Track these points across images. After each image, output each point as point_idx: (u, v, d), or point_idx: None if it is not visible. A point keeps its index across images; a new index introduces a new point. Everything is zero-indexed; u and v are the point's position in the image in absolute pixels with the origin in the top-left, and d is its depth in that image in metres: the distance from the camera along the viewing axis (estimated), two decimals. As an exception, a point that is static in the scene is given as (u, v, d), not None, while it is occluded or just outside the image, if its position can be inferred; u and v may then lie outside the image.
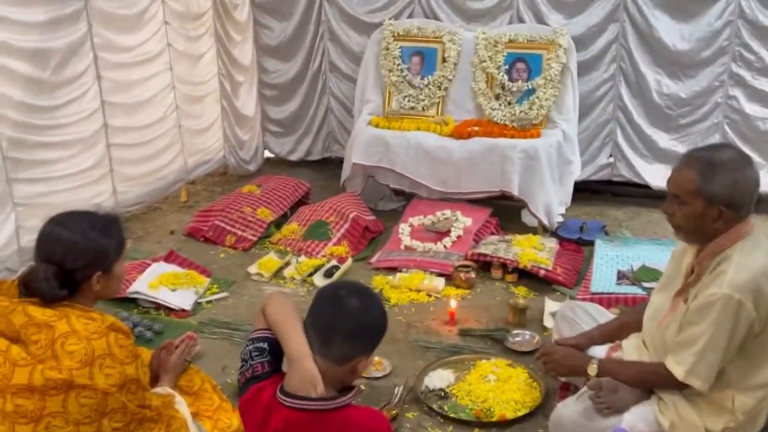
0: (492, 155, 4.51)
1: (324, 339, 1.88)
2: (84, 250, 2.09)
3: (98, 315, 2.09)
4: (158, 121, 4.63)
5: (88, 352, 1.98)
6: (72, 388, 1.96)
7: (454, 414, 2.77)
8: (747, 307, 2.15)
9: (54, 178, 3.77)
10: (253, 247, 4.51)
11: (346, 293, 1.91)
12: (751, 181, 2.24)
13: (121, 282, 2.27)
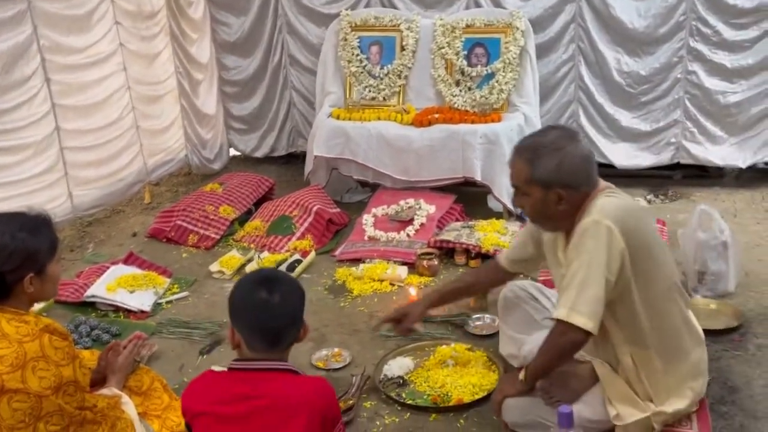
0: (453, 142, 4.48)
1: (272, 342, 1.91)
2: (12, 252, 2.04)
3: (32, 318, 2.05)
4: (114, 123, 4.56)
5: (20, 356, 1.94)
6: (3, 392, 1.92)
7: (411, 401, 2.74)
8: (615, 234, 2.14)
9: (5, 183, 3.70)
10: (216, 245, 4.46)
11: (266, 294, 1.89)
12: (578, 156, 2.23)
13: (56, 283, 2.22)
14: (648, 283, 2.26)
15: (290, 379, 1.90)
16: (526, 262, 2.71)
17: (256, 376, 1.88)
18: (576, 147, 2.22)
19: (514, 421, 2.48)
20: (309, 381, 1.94)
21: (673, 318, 2.34)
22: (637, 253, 2.19)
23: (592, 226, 2.16)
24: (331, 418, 1.89)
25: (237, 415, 1.85)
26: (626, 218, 2.19)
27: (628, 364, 2.31)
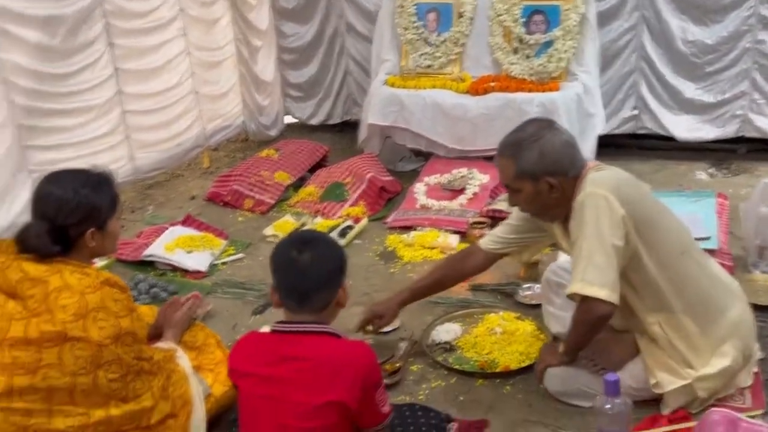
0: (508, 110, 4.43)
1: (300, 301, 1.94)
2: (75, 206, 2.11)
3: (93, 271, 2.13)
4: (173, 88, 4.65)
5: (82, 306, 2.02)
6: (66, 340, 1.99)
7: (458, 366, 2.75)
8: (612, 201, 2.14)
9: (69, 144, 3.83)
10: (270, 210, 4.53)
11: (296, 253, 1.92)
12: (558, 143, 2.25)
13: (116, 239, 2.29)
14: (657, 249, 2.23)
15: (332, 342, 1.93)
16: (518, 242, 2.71)
17: (298, 339, 1.92)
18: (554, 134, 2.26)
19: (557, 390, 2.49)
20: (351, 345, 1.97)
21: (695, 279, 2.31)
22: (639, 220, 2.19)
23: (587, 198, 2.18)
24: (372, 382, 1.91)
25: (279, 376, 1.89)
26: (621, 186, 2.20)
27: (659, 333, 2.29)
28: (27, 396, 2.00)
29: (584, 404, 2.45)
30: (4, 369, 2.00)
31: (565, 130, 2.32)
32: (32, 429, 2.01)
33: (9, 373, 1.99)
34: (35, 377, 1.99)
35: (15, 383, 1.98)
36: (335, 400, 1.86)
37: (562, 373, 2.40)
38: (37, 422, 2.01)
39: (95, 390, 2.05)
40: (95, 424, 2.05)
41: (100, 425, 2.06)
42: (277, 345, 1.94)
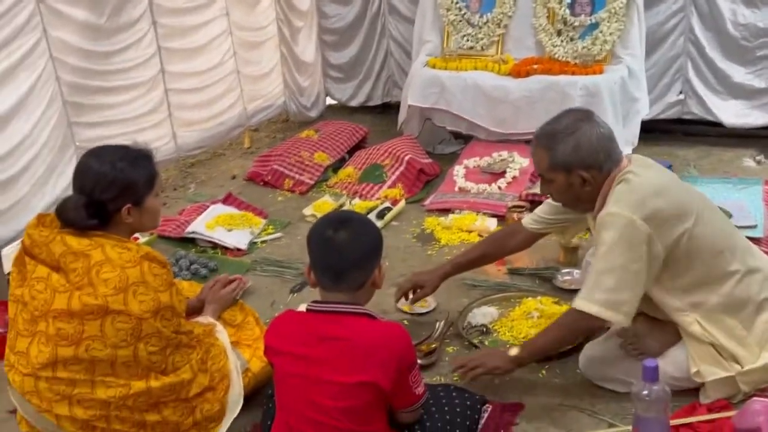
0: (551, 93, 4.37)
1: (335, 279, 1.94)
2: (112, 181, 2.13)
3: (134, 245, 2.16)
4: (216, 67, 4.69)
5: (122, 280, 2.05)
6: (108, 313, 2.04)
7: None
8: (634, 223, 2.13)
9: (114, 121, 3.89)
10: (310, 190, 4.56)
11: (332, 232, 1.92)
12: (594, 136, 2.21)
13: (155, 216, 2.29)
14: (691, 253, 2.22)
15: (367, 323, 1.94)
16: (560, 222, 2.70)
17: (333, 318, 1.93)
18: (591, 127, 2.21)
19: (594, 374, 2.47)
20: (385, 326, 1.97)
21: (732, 277, 2.26)
22: (668, 231, 2.17)
23: (608, 218, 2.18)
24: (406, 364, 1.92)
25: (314, 355, 1.91)
26: (648, 200, 2.16)
27: (700, 331, 2.25)
28: (71, 366, 2.05)
29: (621, 390, 2.42)
30: (49, 340, 2.05)
31: (603, 122, 2.27)
32: (76, 398, 2.07)
33: (53, 344, 2.05)
34: (78, 348, 2.04)
35: (59, 354, 2.04)
36: (369, 381, 1.87)
37: (600, 357, 2.38)
38: (80, 392, 2.07)
39: (135, 362, 2.10)
40: (135, 395, 2.10)
41: (140, 396, 2.11)
42: (313, 324, 1.95)
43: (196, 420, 2.23)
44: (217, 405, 2.27)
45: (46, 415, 2.08)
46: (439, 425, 2.10)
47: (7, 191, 3.27)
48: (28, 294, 2.09)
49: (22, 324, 2.11)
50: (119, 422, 2.11)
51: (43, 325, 2.06)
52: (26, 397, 2.10)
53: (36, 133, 3.39)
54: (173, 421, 2.18)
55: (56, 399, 2.07)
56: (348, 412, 1.89)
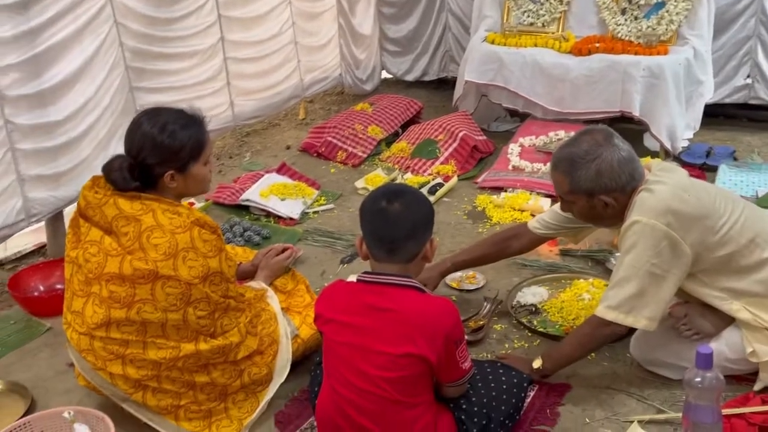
0: (613, 73, 4.27)
1: (389, 250, 1.95)
2: (158, 145, 2.12)
3: (185, 210, 2.17)
4: (274, 37, 4.71)
5: (172, 246, 2.09)
6: (158, 278, 2.08)
7: (542, 329, 2.73)
8: (659, 229, 2.11)
9: (174, 88, 3.94)
10: (362, 163, 4.57)
11: (386, 203, 1.93)
12: (616, 161, 2.18)
13: (202, 184, 2.27)
14: (723, 245, 2.18)
15: (416, 296, 1.94)
16: (566, 229, 2.66)
17: (384, 290, 1.94)
18: (612, 151, 2.18)
19: (645, 358, 2.44)
20: (435, 299, 1.98)
21: None
22: (695, 231, 2.15)
23: (632, 226, 2.16)
24: (454, 338, 1.92)
25: (363, 325, 1.92)
26: (671, 205, 2.14)
27: (749, 317, 2.21)
28: (123, 327, 2.11)
29: (671, 376, 2.39)
30: (102, 302, 2.12)
31: (623, 144, 2.23)
32: (128, 358, 2.13)
33: (107, 306, 2.11)
34: (130, 311, 2.10)
35: (112, 315, 2.10)
36: (416, 353, 1.88)
37: (651, 340, 2.35)
38: (132, 352, 2.13)
39: (185, 325, 2.15)
40: (185, 357, 2.16)
41: (190, 358, 2.16)
42: (363, 294, 1.96)
43: (243, 383, 2.28)
44: (265, 369, 2.32)
45: (101, 373, 2.16)
46: (484, 401, 2.10)
47: (70, 152, 3.36)
48: (82, 257, 2.14)
49: (77, 285, 2.18)
50: (169, 382, 2.17)
51: (96, 287, 2.12)
52: (82, 355, 2.17)
53: (99, 96, 3.46)
54: (221, 383, 2.23)
55: (110, 358, 2.14)
56: (394, 382, 1.90)
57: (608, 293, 2.25)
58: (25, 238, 3.55)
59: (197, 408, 2.21)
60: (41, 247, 3.60)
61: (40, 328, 2.92)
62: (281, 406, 2.38)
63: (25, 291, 3.09)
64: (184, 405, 2.20)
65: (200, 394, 2.22)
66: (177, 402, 2.19)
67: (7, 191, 3.10)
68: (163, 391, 2.18)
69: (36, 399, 2.48)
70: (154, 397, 2.17)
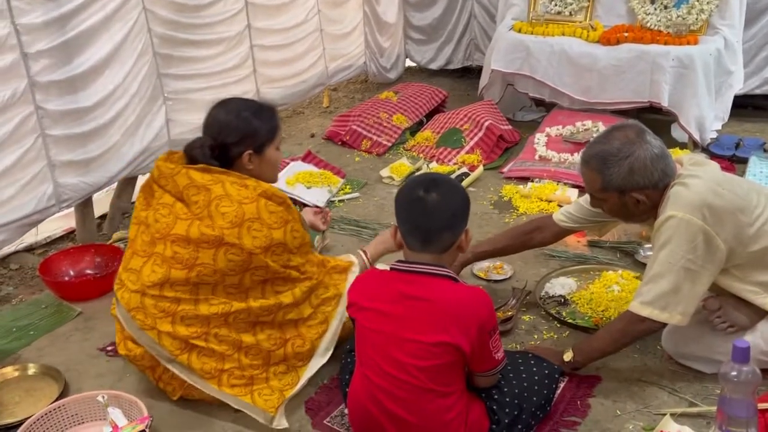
0: (641, 63, 4.23)
1: (424, 240, 1.95)
2: (235, 127, 2.29)
3: (252, 182, 2.25)
4: (300, 24, 4.70)
5: (239, 215, 2.17)
6: (222, 244, 2.16)
7: (571, 320, 2.71)
8: (694, 224, 2.09)
9: (201, 75, 3.94)
10: (387, 152, 4.56)
11: (423, 192, 1.93)
12: (648, 158, 2.15)
13: (274, 169, 2.42)
14: (758, 238, 2.16)
15: (451, 285, 1.94)
16: (591, 222, 2.62)
17: (418, 279, 1.94)
18: (645, 148, 2.16)
19: (677, 351, 2.42)
20: (468, 289, 1.98)
21: None
22: (730, 225, 2.13)
23: (667, 221, 2.14)
24: (488, 328, 1.92)
25: (397, 313, 1.93)
26: (706, 199, 2.12)
27: None
28: (178, 287, 2.19)
29: (704, 369, 2.37)
30: (164, 261, 2.19)
31: (655, 140, 2.21)
32: (179, 315, 2.20)
33: (168, 266, 2.19)
34: (191, 272, 2.17)
35: (172, 275, 2.17)
36: (450, 342, 1.88)
37: (684, 333, 2.33)
38: (184, 308, 2.20)
39: (239, 287, 2.22)
40: (236, 312, 2.22)
41: (240, 313, 2.23)
42: (397, 283, 1.97)
43: (286, 353, 2.32)
44: (308, 345, 2.35)
45: (149, 332, 2.21)
46: (516, 391, 2.10)
47: (99, 138, 3.37)
48: (153, 216, 2.24)
49: (140, 244, 2.26)
50: (217, 342, 2.22)
51: (161, 247, 2.20)
52: (131, 314, 2.23)
53: (128, 82, 3.47)
54: (265, 349, 2.28)
55: (160, 316, 2.20)
56: (427, 370, 1.90)
57: (642, 289, 2.23)
58: (54, 224, 3.58)
59: (240, 374, 2.25)
60: (70, 232, 3.63)
61: (71, 312, 2.95)
62: (311, 393, 2.39)
63: (56, 275, 3.12)
64: (228, 369, 2.23)
65: (245, 358, 2.25)
66: (221, 365, 2.23)
67: (38, 177, 3.12)
68: (208, 354, 2.22)
69: (68, 382, 2.50)
70: (199, 360, 2.21)
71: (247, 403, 2.23)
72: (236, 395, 2.23)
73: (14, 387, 2.49)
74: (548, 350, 2.45)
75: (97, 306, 2.99)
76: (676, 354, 2.43)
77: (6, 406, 2.40)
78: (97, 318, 2.91)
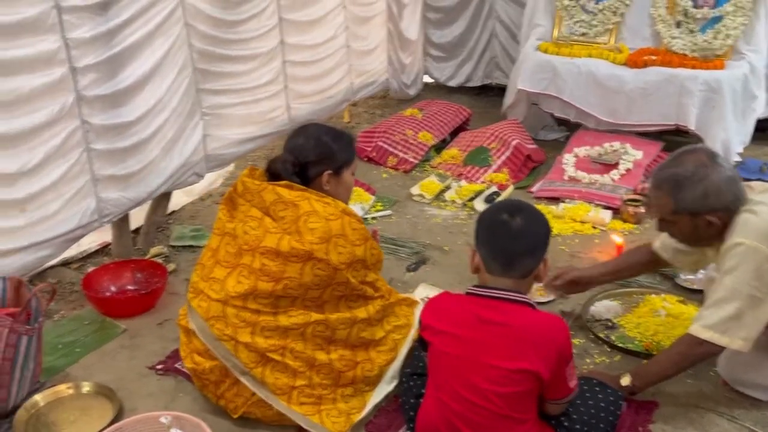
0: (669, 86, 4.28)
1: (506, 264, 1.97)
2: (314, 146, 2.39)
3: (332, 201, 2.31)
4: (329, 40, 4.71)
5: (326, 231, 2.21)
6: (310, 259, 2.19)
7: (621, 344, 2.73)
8: (762, 251, 2.11)
9: (235, 90, 3.94)
10: (413, 169, 4.58)
11: (508, 216, 1.96)
12: (723, 180, 2.18)
13: (349, 191, 2.48)
14: None
15: (528, 311, 1.96)
16: (683, 254, 2.60)
17: (497, 305, 1.95)
18: (718, 172, 2.19)
19: (735, 378, 2.43)
20: (547, 316, 1.99)
21: None
22: None
23: (735, 248, 2.16)
24: (566, 356, 1.94)
25: (476, 338, 1.94)
26: None
27: None
28: (261, 299, 2.21)
29: (761, 397, 2.39)
30: (252, 273, 2.22)
31: (727, 163, 2.24)
32: (260, 326, 2.22)
33: (255, 277, 2.22)
34: (277, 285, 2.20)
35: (258, 287, 2.20)
36: (530, 369, 1.89)
37: (742, 360, 2.34)
38: (264, 319, 2.22)
39: (317, 301, 2.26)
40: (314, 323, 2.25)
41: (318, 325, 2.26)
42: (474, 307, 1.98)
43: (355, 376, 2.33)
44: (377, 370, 2.37)
45: (226, 344, 2.22)
46: (585, 418, 2.11)
47: (139, 153, 3.36)
48: (241, 228, 2.27)
49: (224, 255, 2.30)
50: (292, 357, 2.24)
51: (248, 258, 2.23)
52: (209, 323, 2.24)
53: (168, 97, 3.46)
54: (336, 369, 2.29)
55: (241, 326, 2.22)
56: (506, 397, 1.91)
57: (704, 312, 2.25)
58: (89, 238, 3.54)
59: (310, 392, 2.26)
60: (105, 246, 3.61)
61: (116, 329, 2.93)
62: (371, 416, 2.39)
63: (98, 291, 3.10)
64: (299, 387, 2.25)
65: (316, 377, 2.27)
66: (293, 382, 2.24)
67: (81, 191, 3.10)
68: (282, 369, 2.24)
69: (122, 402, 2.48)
70: (273, 375, 2.23)
71: (315, 423, 2.23)
72: (305, 414, 2.24)
73: (68, 406, 2.46)
74: (604, 374, 2.46)
75: (140, 323, 2.97)
76: (732, 381, 2.44)
77: (61, 426, 2.37)
78: (142, 335, 2.90)
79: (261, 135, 4.14)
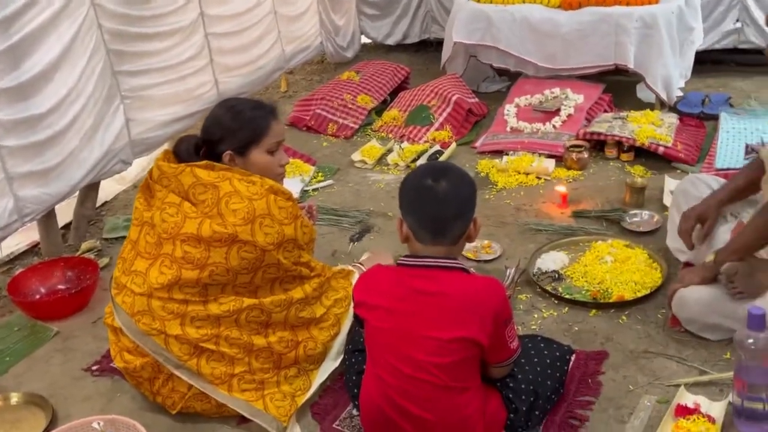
0: (605, 26, 4.19)
1: (436, 231, 1.88)
2: (217, 124, 2.28)
3: (258, 179, 2.18)
4: (253, 8, 4.51)
5: (250, 211, 2.10)
6: (235, 242, 2.09)
7: (569, 295, 2.67)
8: None
9: (157, 69, 3.74)
10: (354, 134, 4.45)
11: (432, 181, 1.86)
12: None
13: (264, 171, 2.27)
14: None
15: (462, 276, 1.88)
16: None
17: (429, 273, 1.87)
18: None
19: (687, 317, 2.38)
20: (481, 279, 1.92)
21: None
22: None
23: None
24: (503, 318, 1.87)
25: (410, 310, 1.86)
26: None
27: None
28: (187, 288, 2.10)
29: (710, 336, 2.36)
30: (174, 262, 2.11)
31: None
32: (189, 316, 2.12)
33: (178, 266, 2.10)
34: (202, 273, 2.09)
35: (183, 276, 2.09)
36: (467, 336, 1.82)
37: (697, 297, 2.30)
38: (194, 309, 2.12)
39: (249, 286, 2.15)
40: (248, 309, 2.15)
41: (252, 310, 2.16)
42: (406, 279, 1.89)
43: (298, 356, 2.24)
44: (321, 348, 2.28)
45: (155, 338, 2.11)
46: (530, 377, 2.05)
47: (56, 146, 3.17)
48: (159, 216, 2.15)
49: (144, 246, 2.18)
50: (227, 345, 2.14)
51: (169, 247, 2.12)
52: (135, 318, 2.13)
53: (81, 84, 3.26)
54: (277, 351, 2.20)
55: (169, 318, 2.11)
56: (445, 367, 1.84)
57: None
58: (15, 238, 3.38)
59: (251, 378, 2.16)
60: (34, 246, 3.44)
61: (47, 333, 2.79)
62: (315, 397, 2.30)
63: (26, 295, 2.95)
64: (238, 374, 2.15)
65: (255, 362, 2.17)
66: (231, 370, 2.14)
67: (-4, 192, 2.93)
68: (218, 358, 2.14)
69: (56, 409, 2.36)
70: (209, 365, 2.13)
71: (258, 409, 2.14)
72: (247, 400, 2.15)
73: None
74: (691, 269, 2.43)
75: (74, 324, 2.84)
76: (685, 320, 2.38)
77: (-9, 442, 2.26)
78: (76, 336, 2.77)
79: (189, 114, 3.96)
